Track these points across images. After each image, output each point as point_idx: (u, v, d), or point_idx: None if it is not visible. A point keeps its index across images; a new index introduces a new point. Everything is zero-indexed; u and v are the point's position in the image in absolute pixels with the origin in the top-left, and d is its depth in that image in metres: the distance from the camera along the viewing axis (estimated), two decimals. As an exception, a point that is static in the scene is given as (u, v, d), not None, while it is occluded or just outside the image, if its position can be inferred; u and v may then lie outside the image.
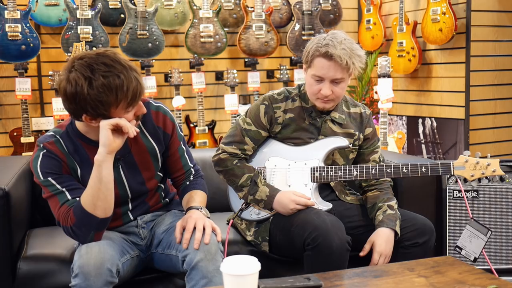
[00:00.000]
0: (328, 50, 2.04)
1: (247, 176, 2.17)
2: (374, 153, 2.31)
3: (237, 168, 2.19)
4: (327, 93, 2.10)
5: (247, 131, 2.22)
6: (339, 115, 2.25)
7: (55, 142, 1.85)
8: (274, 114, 2.21)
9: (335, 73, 2.07)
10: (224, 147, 2.23)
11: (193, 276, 1.78)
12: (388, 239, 2.08)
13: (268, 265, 2.14)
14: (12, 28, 3.57)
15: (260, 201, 2.15)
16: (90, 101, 1.68)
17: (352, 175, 2.16)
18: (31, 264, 2.04)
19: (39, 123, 3.92)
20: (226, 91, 4.24)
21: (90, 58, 1.70)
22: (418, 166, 2.13)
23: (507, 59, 4.02)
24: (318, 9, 4.34)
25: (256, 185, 2.15)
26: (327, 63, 2.06)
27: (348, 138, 2.22)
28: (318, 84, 2.11)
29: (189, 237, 1.83)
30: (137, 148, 1.95)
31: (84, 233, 1.77)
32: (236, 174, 2.19)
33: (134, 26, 3.85)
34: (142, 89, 1.75)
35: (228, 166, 2.20)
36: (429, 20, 3.97)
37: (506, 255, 2.71)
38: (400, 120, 4.57)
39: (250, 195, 2.16)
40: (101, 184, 1.74)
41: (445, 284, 1.56)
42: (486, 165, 2.10)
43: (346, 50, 2.04)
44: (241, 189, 2.19)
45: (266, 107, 2.21)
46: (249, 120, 2.23)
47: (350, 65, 2.05)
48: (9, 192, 2.07)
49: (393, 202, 2.19)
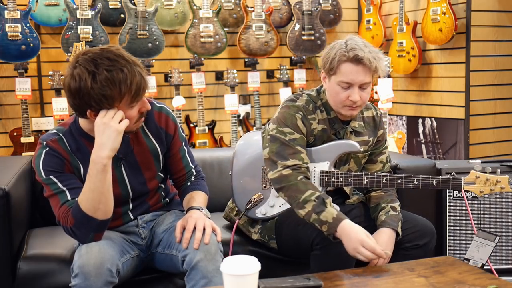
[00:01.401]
0: (357, 53, 1.98)
1: (311, 192, 1.97)
2: (382, 154, 2.28)
3: (301, 184, 1.99)
4: (356, 99, 2.02)
5: (293, 140, 2.07)
6: (358, 122, 2.19)
7: (58, 140, 1.84)
8: (310, 126, 2.12)
9: (364, 77, 2.01)
10: (284, 162, 2.03)
11: (193, 276, 1.78)
12: (390, 239, 2.07)
13: (268, 265, 2.13)
14: (12, 28, 3.57)
15: (324, 223, 1.91)
16: (94, 95, 1.68)
17: (362, 182, 2.12)
18: (31, 264, 2.04)
19: (39, 123, 3.92)
20: (226, 91, 4.24)
21: (94, 53, 1.71)
22: (430, 179, 2.10)
23: (507, 59, 4.02)
24: (318, 9, 4.34)
25: (323, 205, 1.94)
26: (355, 68, 1.99)
27: (364, 146, 2.19)
28: (346, 91, 2.03)
29: (189, 236, 1.83)
30: (139, 148, 1.95)
31: (84, 234, 1.77)
32: (299, 190, 1.98)
33: (134, 26, 3.85)
34: (145, 83, 1.76)
35: (291, 181, 2.00)
36: (429, 20, 3.97)
37: (506, 255, 2.72)
38: (400, 120, 4.57)
39: (315, 214, 1.92)
40: (104, 188, 1.73)
41: (445, 284, 1.56)
42: (495, 182, 2.10)
43: (372, 53, 2.00)
44: (303, 206, 1.95)
45: (303, 117, 2.10)
46: (288, 130, 2.08)
47: (378, 68, 2.01)
48: (9, 192, 2.07)
49: (397, 204, 2.18)
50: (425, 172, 2.60)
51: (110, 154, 1.72)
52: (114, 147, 1.72)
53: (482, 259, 2.13)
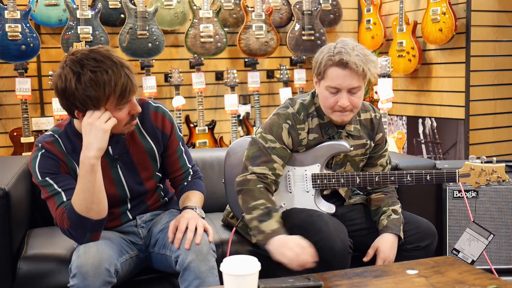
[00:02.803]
0: (342, 57, 1.93)
1: (263, 202, 1.98)
2: (382, 157, 2.25)
3: (258, 191, 2.00)
4: (345, 104, 1.97)
5: (272, 149, 2.06)
6: (354, 126, 2.15)
7: (53, 141, 1.84)
8: (298, 136, 2.08)
9: (351, 82, 1.95)
10: (253, 168, 2.05)
11: (186, 277, 1.77)
12: (393, 245, 2.06)
13: (268, 265, 2.13)
14: (12, 28, 3.57)
15: (262, 232, 1.92)
16: (78, 96, 1.69)
17: (355, 182, 2.11)
18: (31, 264, 2.04)
19: (39, 123, 3.92)
20: (226, 91, 4.24)
21: (82, 54, 1.71)
22: (423, 175, 2.08)
23: (507, 59, 4.02)
24: (318, 9, 4.34)
25: (268, 216, 1.94)
26: (342, 72, 1.95)
27: (360, 149, 2.17)
28: (334, 96, 1.99)
29: (181, 237, 1.82)
30: (135, 148, 1.95)
31: (80, 235, 1.77)
32: (254, 196, 1.99)
33: (134, 26, 3.85)
34: (132, 86, 1.74)
35: (250, 187, 2.01)
36: (429, 20, 3.97)
37: (506, 255, 2.71)
38: (400, 120, 4.57)
39: (257, 221, 1.94)
40: (94, 188, 1.73)
41: (445, 284, 1.56)
42: (491, 171, 2.05)
43: (360, 56, 1.94)
44: (251, 211, 1.97)
45: (290, 127, 2.07)
46: (271, 137, 2.07)
47: (366, 72, 1.95)
48: (9, 192, 2.07)
49: (398, 206, 2.17)
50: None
51: (97, 154, 1.72)
52: (101, 146, 1.72)
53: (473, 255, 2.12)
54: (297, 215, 2.09)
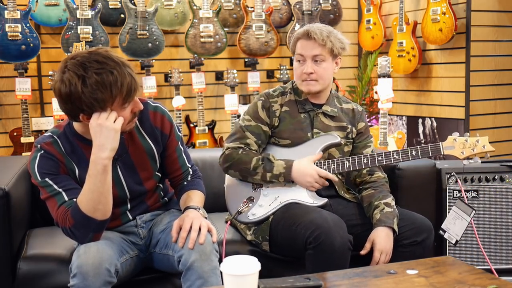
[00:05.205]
0: (306, 29, 2.21)
1: (256, 158, 2.19)
2: (367, 147, 2.36)
3: (244, 156, 2.21)
4: (308, 70, 2.20)
5: (247, 127, 2.27)
6: (331, 108, 2.31)
7: (52, 142, 1.84)
8: (271, 107, 2.27)
9: (313, 49, 2.19)
10: (227, 145, 2.27)
11: (189, 276, 1.77)
12: (388, 236, 2.09)
13: (268, 265, 2.13)
14: (12, 28, 3.57)
15: (279, 175, 2.17)
16: (85, 100, 1.68)
17: (345, 166, 2.20)
18: (31, 264, 2.04)
19: (39, 123, 3.92)
20: (226, 91, 4.24)
21: (83, 57, 1.69)
22: (408, 150, 2.17)
23: (507, 59, 4.02)
24: (318, 9, 4.34)
25: (270, 162, 2.18)
26: (305, 42, 2.21)
27: (340, 131, 2.29)
28: (302, 66, 2.23)
29: (185, 236, 1.82)
30: (134, 148, 1.95)
31: (83, 234, 1.77)
32: (245, 161, 2.20)
33: (134, 26, 3.85)
34: (136, 84, 1.75)
35: (234, 158, 2.22)
36: (429, 20, 3.97)
37: (506, 255, 2.71)
38: (400, 120, 4.57)
39: (268, 172, 2.17)
40: (104, 189, 1.73)
41: (445, 284, 1.56)
42: (475, 142, 2.12)
43: (323, 30, 2.20)
44: (255, 172, 2.19)
45: (264, 101, 2.28)
46: (248, 117, 2.29)
47: (327, 42, 2.18)
48: (9, 192, 2.07)
49: (390, 199, 2.20)
50: (426, 172, 2.60)
51: (110, 154, 1.72)
52: (113, 146, 1.72)
53: (457, 235, 2.13)
54: (295, 211, 2.11)
